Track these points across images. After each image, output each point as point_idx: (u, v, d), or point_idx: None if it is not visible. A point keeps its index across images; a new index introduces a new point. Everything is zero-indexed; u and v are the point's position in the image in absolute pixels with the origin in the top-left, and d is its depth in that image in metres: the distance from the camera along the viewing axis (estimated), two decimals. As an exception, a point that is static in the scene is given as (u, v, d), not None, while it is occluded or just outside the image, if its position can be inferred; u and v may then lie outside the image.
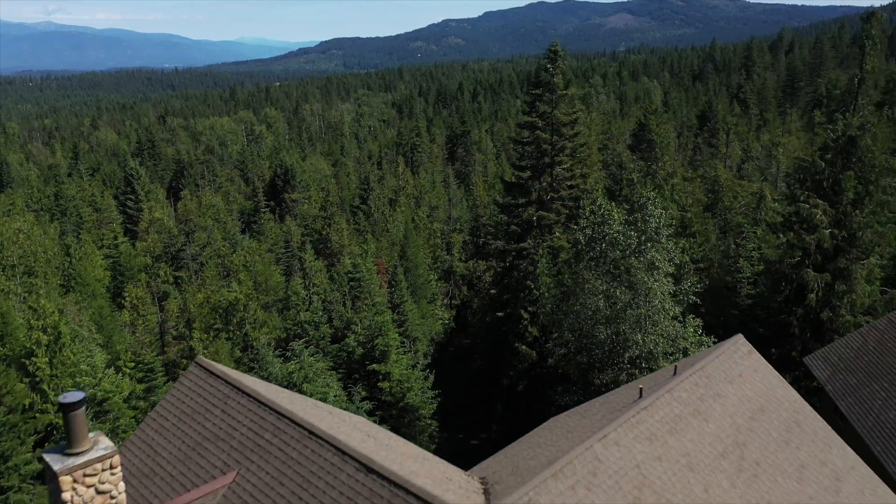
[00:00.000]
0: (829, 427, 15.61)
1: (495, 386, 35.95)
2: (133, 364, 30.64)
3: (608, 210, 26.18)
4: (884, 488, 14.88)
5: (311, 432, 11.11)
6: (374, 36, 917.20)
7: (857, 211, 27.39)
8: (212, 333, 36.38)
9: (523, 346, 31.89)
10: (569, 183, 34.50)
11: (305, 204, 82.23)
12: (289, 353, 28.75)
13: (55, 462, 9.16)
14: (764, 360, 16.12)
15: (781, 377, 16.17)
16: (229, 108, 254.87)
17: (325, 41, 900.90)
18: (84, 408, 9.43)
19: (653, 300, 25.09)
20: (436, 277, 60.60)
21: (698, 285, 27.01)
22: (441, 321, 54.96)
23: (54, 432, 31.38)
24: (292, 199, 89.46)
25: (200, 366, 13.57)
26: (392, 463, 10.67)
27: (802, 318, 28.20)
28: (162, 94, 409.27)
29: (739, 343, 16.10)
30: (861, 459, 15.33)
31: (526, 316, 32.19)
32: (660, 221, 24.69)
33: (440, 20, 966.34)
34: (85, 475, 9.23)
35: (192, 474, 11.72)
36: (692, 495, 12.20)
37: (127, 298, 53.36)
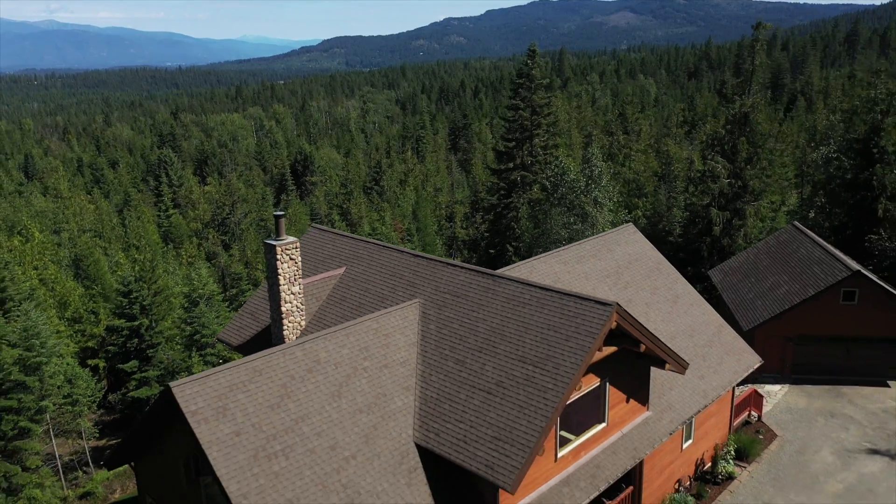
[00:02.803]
0: (680, 274, 26.10)
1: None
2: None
3: (566, 164, 36.79)
4: (707, 306, 25.38)
5: (385, 246, 21.70)
6: (376, 34, 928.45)
7: (749, 167, 37.91)
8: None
9: (508, 272, 42.46)
10: (544, 151, 45.08)
11: (327, 184, 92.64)
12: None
13: (273, 242, 19.70)
14: (644, 237, 26.61)
15: (655, 248, 26.65)
16: (236, 106, 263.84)
17: (327, 39, 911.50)
18: (284, 218, 19.98)
19: (597, 227, 35.70)
20: (441, 243, 71.25)
21: (629, 215, 37.53)
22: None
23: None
24: (312, 181, 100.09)
25: (315, 227, 24.20)
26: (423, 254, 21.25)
27: (710, 244, 38.76)
28: (167, 91, 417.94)
29: (629, 227, 26.59)
30: (696, 291, 25.85)
31: (510, 249, 42.81)
32: (600, 170, 35.24)
33: (442, 18, 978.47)
34: (286, 249, 19.79)
35: (319, 272, 22.29)
36: (585, 290, 22.68)
37: (184, 256, 64.15)
